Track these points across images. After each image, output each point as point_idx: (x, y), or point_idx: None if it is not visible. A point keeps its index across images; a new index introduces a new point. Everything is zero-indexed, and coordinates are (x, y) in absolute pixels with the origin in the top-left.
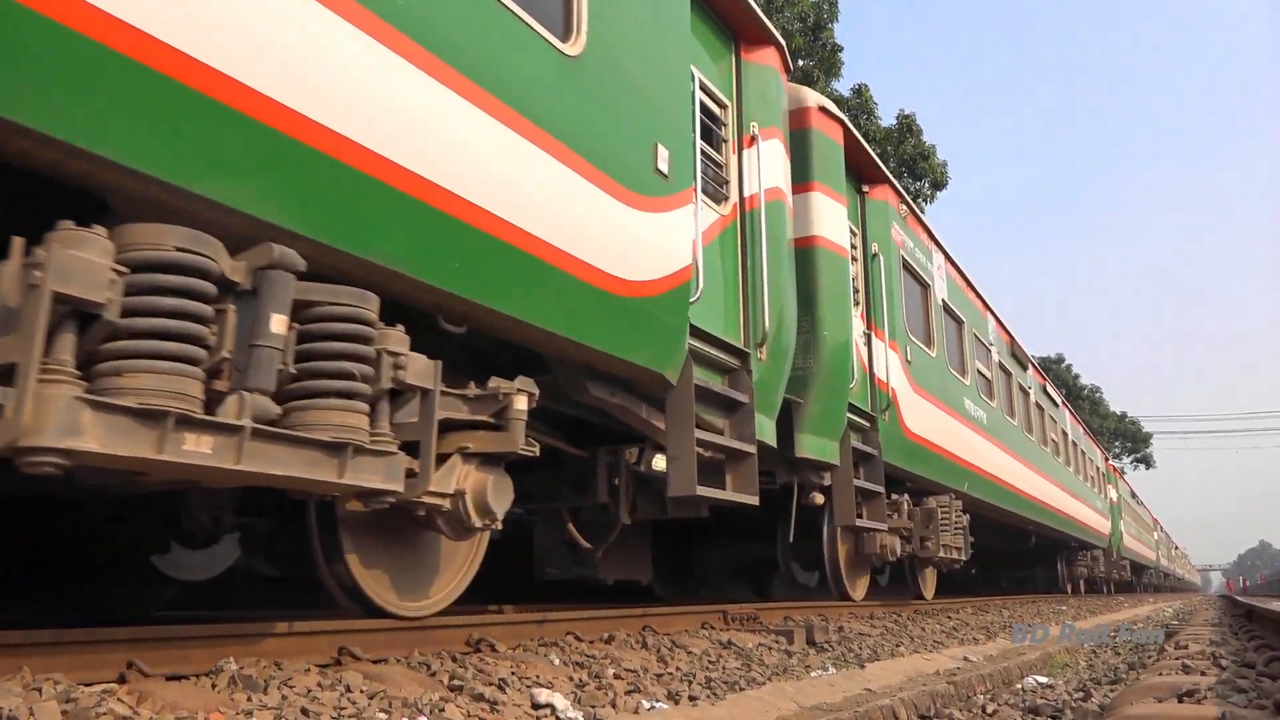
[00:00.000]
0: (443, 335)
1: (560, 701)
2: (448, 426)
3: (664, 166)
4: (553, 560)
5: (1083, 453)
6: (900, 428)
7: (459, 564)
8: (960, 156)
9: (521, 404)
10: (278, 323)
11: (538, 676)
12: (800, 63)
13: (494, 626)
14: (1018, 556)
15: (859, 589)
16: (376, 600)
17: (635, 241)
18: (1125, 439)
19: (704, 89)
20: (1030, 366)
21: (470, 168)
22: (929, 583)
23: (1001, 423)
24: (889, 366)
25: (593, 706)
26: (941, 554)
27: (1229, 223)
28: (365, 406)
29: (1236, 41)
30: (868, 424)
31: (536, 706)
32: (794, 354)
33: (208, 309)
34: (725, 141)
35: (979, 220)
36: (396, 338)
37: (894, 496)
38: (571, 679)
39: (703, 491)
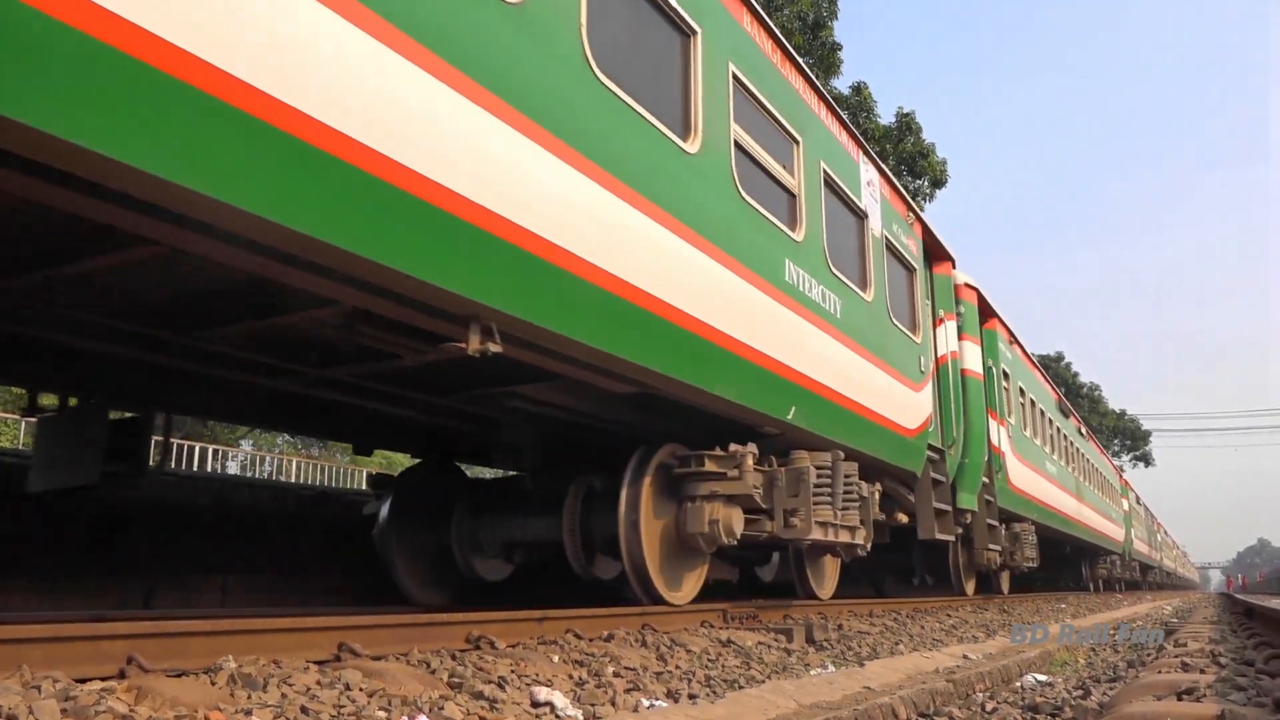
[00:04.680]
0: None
1: (560, 699)
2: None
3: (923, 368)
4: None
5: (1104, 477)
6: (1006, 481)
7: (834, 573)
8: (960, 154)
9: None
10: (839, 482)
11: (537, 674)
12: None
13: (493, 624)
14: (1053, 561)
15: (970, 587)
16: (816, 591)
17: (912, 406)
18: (1124, 437)
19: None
20: (1071, 415)
21: (872, 394)
22: (1005, 583)
23: (1056, 464)
24: (1001, 439)
25: (592, 705)
26: (1023, 563)
27: (1230, 222)
28: (856, 508)
29: (1237, 42)
30: (988, 479)
31: (536, 704)
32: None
33: (828, 481)
34: (926, 327)
35: (979, 218)
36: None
37: (996, 525)
38: (571, 677)
39: (936, 535)
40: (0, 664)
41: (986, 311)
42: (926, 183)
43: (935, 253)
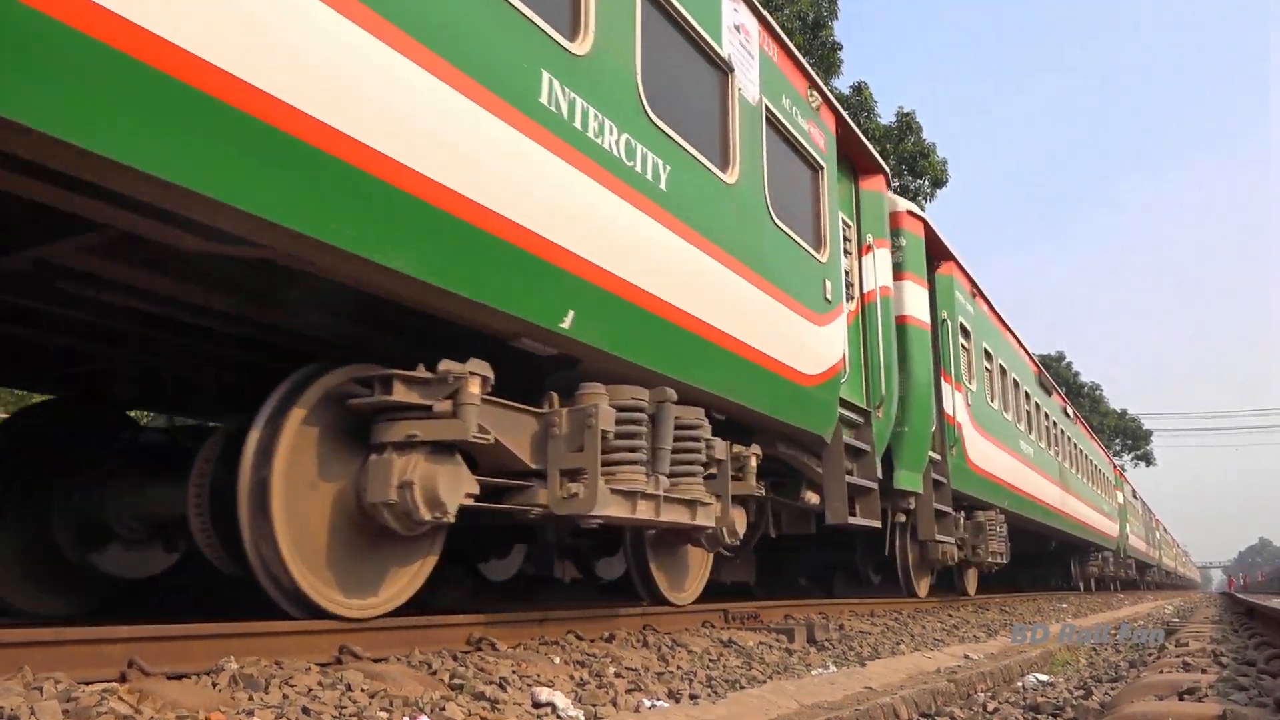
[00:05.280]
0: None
1: (561, 700)
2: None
3: (829, 295)
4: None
5: (1095, 466)
6: (964, 458)
7: (700, 570)
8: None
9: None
10: (666, 435)
11: (538, 675)
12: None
13: (495, 625)
14: (1037, 558)
15: (923, 587)
16: (668, 594)
17: (812, 346)
18: (1125, 436)
19: (844, 220)
20: (1055, 393)
21: (733, 313)
22: (971, 582)
23: (1036, 448)
24: (955, 406)
25: (593, 705)
26: (989, 559)
27: (1231, 222)
28: (700, 476)
29: (1239, 42)
30: (939, 456)
31: (537, 705)
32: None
33: (642, 429)
34: (850, 254)
35: (979, 217)
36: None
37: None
38: (572, 678)
39: (852, 521)
40: (1, 667)
41: (940, 252)
42: (927, 182)
43: (861, 162)
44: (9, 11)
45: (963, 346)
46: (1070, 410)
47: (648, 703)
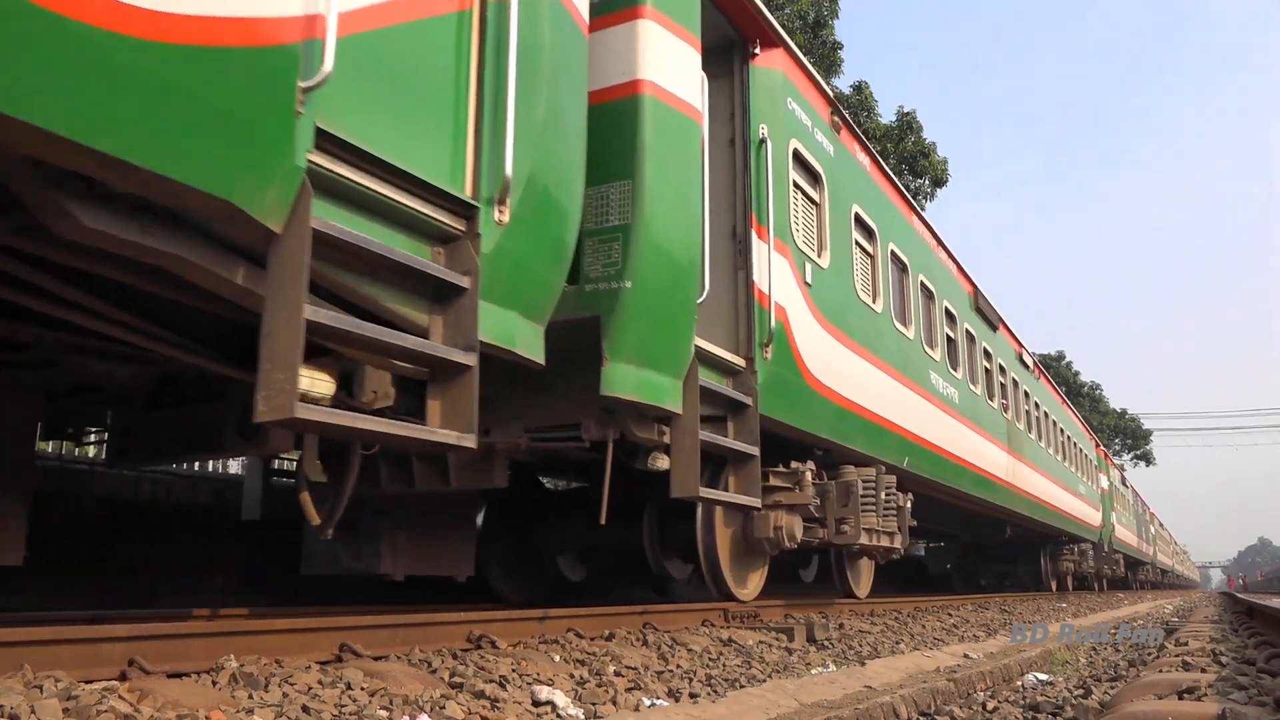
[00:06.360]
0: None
1: (561, 699)
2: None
3: None
4: (319, 554)
5: (1070, 438)
6: (796, 370)
7: (869, 574)
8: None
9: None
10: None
11: (538, 674)
12: None
13: (495, 624)
14: (1000, 550)
15: (749, 585)
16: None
17: None
18: (1125, 436)
19: None
20: (1001, 327)
21: None
22: (863, 578)
23: (963, 390)
24: (773, 280)
25: (593, 704)
26: (866, 540)
27: (1231, 221)
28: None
29: (1239, 42)
30: (743, 363)
31: (537, 704)
32: (604, 249)
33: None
34: None
35: (980, 216)
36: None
37: (795, 465)
38: (572, 676)
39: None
40: (2, 666)
41: (754, 30)
42: (928, 182)
43: None
44: None
45: (802, 192)
46: (1030, 361)
47: (647, 701)
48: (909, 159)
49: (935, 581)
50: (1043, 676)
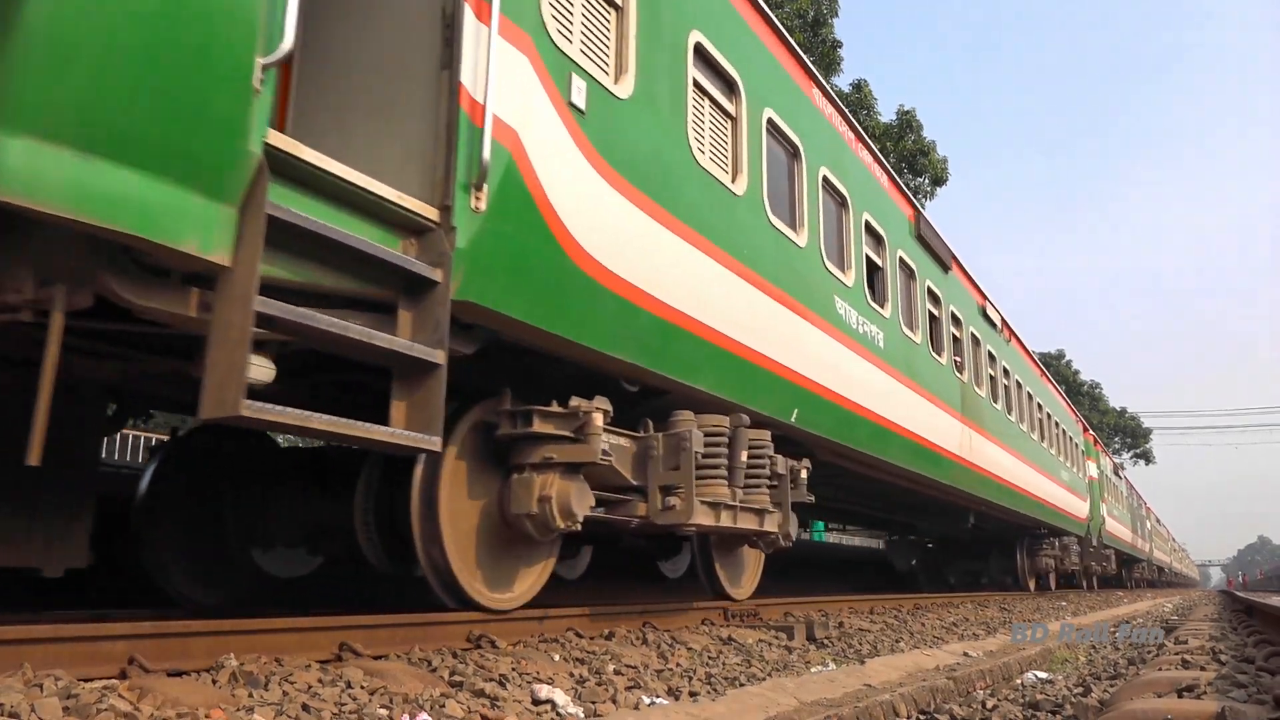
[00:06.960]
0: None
1: (561, 697)
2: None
3: None
4: None
5: (1049, 414)
6: (547, 235)
7: (755, 568)
8: (962, 150)
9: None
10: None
11: (538, 673)
12: None
13: (494, 623)
14: (969, 545)
15: (516, 585)
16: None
17: None
18: (1125, 434)
19: None
20: (956, 268)
21: None
22: (746, 574)
23: (893, 334)
24: (498, 87)
25: (593, 702)
26: (707, 520)
27: (1231, 220)
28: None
29: (1241, 42)
30: (433, 214)
31: (537, 702)
32: None
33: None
34: None
35: (980, 216)
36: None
37: (577, 404)
38: (572, 675)
39: None
40: (2, 665)
41: None
42: (927, 180)
43: None
44: None
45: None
46: (999, 320)
47: (647, 700)
48: (909, 158)
49: (902, 579)
50: (1042, 675)
